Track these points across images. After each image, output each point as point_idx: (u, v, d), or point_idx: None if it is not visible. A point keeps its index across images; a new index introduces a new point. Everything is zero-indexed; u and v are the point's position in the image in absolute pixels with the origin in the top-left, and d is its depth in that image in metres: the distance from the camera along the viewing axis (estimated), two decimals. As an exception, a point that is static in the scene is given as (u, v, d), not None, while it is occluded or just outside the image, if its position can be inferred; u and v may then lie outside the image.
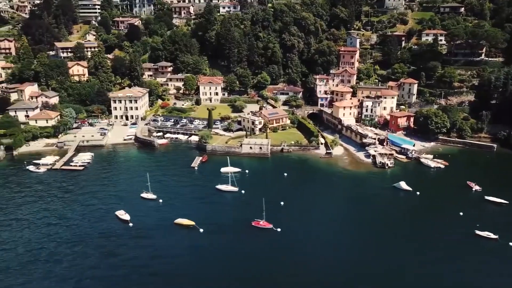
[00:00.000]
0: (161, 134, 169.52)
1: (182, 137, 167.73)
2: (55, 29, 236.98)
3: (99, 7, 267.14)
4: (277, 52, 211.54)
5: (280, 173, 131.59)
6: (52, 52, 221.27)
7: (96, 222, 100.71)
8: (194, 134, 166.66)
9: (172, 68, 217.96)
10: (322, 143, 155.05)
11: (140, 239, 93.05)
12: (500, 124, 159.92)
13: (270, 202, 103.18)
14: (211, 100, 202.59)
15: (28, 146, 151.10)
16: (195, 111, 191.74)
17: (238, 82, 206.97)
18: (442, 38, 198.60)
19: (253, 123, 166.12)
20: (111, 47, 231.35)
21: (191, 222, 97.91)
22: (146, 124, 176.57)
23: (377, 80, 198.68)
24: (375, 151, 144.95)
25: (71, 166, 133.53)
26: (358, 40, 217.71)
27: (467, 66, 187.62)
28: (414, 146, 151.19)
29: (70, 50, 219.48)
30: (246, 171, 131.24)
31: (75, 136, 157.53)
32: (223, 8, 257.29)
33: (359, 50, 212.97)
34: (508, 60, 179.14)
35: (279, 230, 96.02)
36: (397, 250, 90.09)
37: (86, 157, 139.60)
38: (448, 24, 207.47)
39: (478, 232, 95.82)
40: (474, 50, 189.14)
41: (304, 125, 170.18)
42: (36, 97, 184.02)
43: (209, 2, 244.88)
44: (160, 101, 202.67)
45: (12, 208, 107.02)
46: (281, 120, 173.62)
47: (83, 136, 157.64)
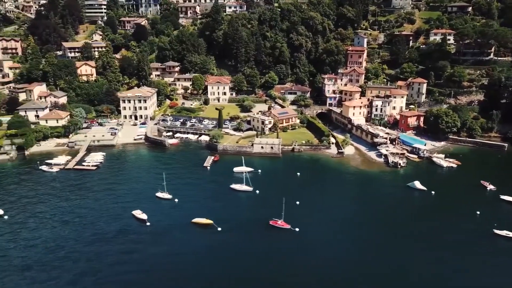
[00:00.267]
0: (170, 134, 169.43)
1: (192, 136, 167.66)
2: (61, 29, 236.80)
3: (105, 7, 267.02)
4: (285, 51, 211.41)
5: (293, 172, 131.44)
6: (60, 52, 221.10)
7: (113, 221, 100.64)
8: (204, 134, 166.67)
9: (179, 68, 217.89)
10: (333, 143, 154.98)
11: (159, 238, 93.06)
12: (510, 123, 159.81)
13: (286, 201, 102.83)
14: (219, 100, 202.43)
15: (39, 146, 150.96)
16: (204, 111, 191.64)
17: (245, 82, 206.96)
18: (450, 37, 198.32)
19: (263, 122, 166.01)
20: (118, 47, 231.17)
21: (209, 221, 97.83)
22: (155, 124, 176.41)
23: (385, 80, 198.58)
24: (387, 151, 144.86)
25: (84, 166, 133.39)
26: (365, 40, 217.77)
27: (476, 65, 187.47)
28: (425, 145, 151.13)
29: (77, 50, 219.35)
30: (259, 170, 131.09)
31: (85, 136, 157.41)
32: (229, 8, 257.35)
33: (366, 49, 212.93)
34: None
35: (297, 230, 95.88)
36: (416, 250, 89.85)
37: (98, 157, 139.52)
38: (456, 24, 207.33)
39: (497, 231, 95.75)
40: (483, 49, 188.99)
41: (314, 124, 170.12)
42: (45, 97, 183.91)
43: (216, 1, 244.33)
44: (168, 101, 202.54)
45: (29, 208, 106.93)
46: (290, 119, 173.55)
47: (93, 136, 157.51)
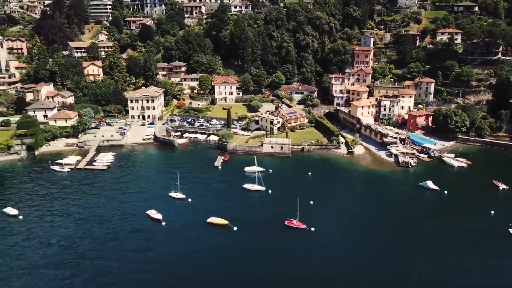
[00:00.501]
0: (179, 133, 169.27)
1: (200, 136, 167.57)
2: (67, 29, 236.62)
3: (110, 7, 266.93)
4: (291, 51, 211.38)
5: (304, 172, 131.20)
6: (66, 52, 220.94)
7: (128, 221, 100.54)
8: (213, 134, 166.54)
9: (185, 67, 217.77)
10: (342, 143, 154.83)
11: (175, 238, 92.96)
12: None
13: (299, 201, 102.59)
14: (225, 100, 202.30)
15: (49, 146, 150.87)
16: (211, 111, 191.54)
17: (252, 82, 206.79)
18: (457, 37, 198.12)
19: (271, 122, 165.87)
20: (123, 47, 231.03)
21: (225, 221, 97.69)
22: (163, 124, 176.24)
23: (392, 79, 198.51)
24: (397, 150, 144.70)
25: (95, 166, 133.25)
26: (372, 39, 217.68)
27: (483, 65, 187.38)
28: (435, 145, 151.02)
29: (84, 50, 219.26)
30: (270, 170, 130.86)
31: (94, 136, 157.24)
32: (235, 7, 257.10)
33: (373, 49, 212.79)
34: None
35: (312, 229, 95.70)
36: (432, 250, 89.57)
37: (108, 157, 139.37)
38: (463, 23, 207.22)
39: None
40: (491, 49, 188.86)
41: (323, 124, 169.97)
42: (52, 97, 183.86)
43: (222, 1, 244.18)
44: (175, 100, 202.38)
45: (43, 207, 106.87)
46: (299, 119, 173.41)
47: (102, 136, 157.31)
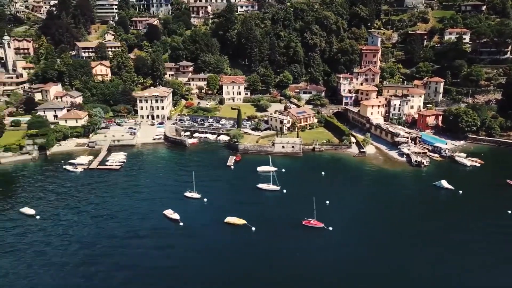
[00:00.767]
0: (188, 133, 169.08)
1: (210, 136, 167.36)
2: (73, 29, 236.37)
3: (116, 7, 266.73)
4: (299, 51, 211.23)
5: (317, 172, 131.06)
6: (73, 52, 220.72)
7: (145, 221, 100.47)
8: (223, 134, 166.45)
9: (193, 67, 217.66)
10: (353, 142, 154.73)
11: (194, 238, 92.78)
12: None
13: (315, 200, 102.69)
14: (233, 100, 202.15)
15: (60, 146, 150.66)
16: (220, 111, 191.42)
17: (260, 82, 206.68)
18: (466, 36, 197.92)
19: (281, 122, 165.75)
20: (130, 47, 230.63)
21: (243, 221, 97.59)
22: (172, 123, 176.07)
23: (401, 79, 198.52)
24: (409, 150, 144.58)
25: (108, 165, 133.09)
26: (379, 39, 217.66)
27: (493, 64, 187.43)
28: (446, 144, 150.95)
29: (91, 50, 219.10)
30: (283, 170, 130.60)
31: (105, 136, 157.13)
32: (241, 7, 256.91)
33: (380, 49, 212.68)
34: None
35: (330, 229, 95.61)
36: (452, 250, 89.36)
37: (120, 156, 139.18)
38: (471, 23, 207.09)
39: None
40: (500, 48, 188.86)
41: (333, 124, 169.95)
42: (61, 97, 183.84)
43: (229, 1, 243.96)
44: (183, 100, 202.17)
45: (59, 207, 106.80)
46: (308, 119, 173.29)
47: (113, 136, 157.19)
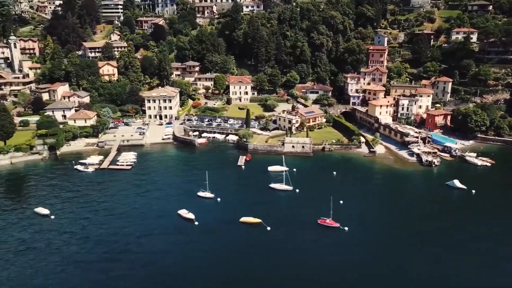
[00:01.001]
0: (197, 133, 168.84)
1: (219, 136, 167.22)
2: (79, 29, 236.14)
3: (121, 7, 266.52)
4: (306, 50, 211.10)
5: (328, 171, 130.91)
6: (79, 52, 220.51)
7: (160, 220, 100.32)
8: (231, 134, 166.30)
9: (199, 67, 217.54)
10: (363, 142, 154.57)
11: (210, 237, 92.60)
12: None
13: (329, 200, 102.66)
14: (240, 100, 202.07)
15: (69, 146, 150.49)
16: (227, 111, 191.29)
17: (267, 81, 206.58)
18: (473, 36, 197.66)
19: (290, 122, 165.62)
20: (136, 47, 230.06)
21: (258, 220, 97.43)
22: (180, 123, 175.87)
23: (408, 79, 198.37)
24: (419, 150, 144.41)
25: (118, 165, 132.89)
26: (386, 39, 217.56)
27: (500, 64, 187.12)
28: (456, 144, 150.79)
29: (98, 50, 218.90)
30: (294, 169, 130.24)
31: (114, 136, 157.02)
32: (246, 7, 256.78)
33: (387, 48, 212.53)
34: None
35: (346, 229, 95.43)
36: (470, 250, 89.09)
37: (130, 156, 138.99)
38: (478, 22, 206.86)
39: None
40: (508, 48, 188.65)
41: (341, 123, 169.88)
42: (69, 97, 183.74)
43: (235, 1, 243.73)
44: (190, 100, 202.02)
45: (73, 207, 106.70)
46: (317, 118, 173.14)
47: (122, 135, 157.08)
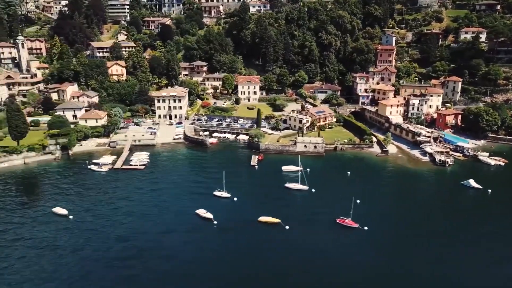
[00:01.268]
0: (207, 133, 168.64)
1: (230, 136, 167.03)
2: (87, 29, 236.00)
3: (127, 7, 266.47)
4: (314, 50, 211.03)
5: (341, 171, 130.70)
6: (87, 52, 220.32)
7: (178, 220, 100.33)
8: (242, 133, 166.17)
9: (207, 67, 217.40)
10: (375, 141, 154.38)
11: (230, 237, 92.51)
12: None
13: (345, 200, 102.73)
14: (249, 99, 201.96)
15: (81, 145, 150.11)
16: (236, 111, 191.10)
17: (275, 81, 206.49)
18: (482, 35, 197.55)
19: (300, 121, 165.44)
20: (143, 47, 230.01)
21: (277, 220, 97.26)
22: (190, 123, 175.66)
23: (417, 78, 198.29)
24: (432, 149, 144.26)
25: (132, 165, 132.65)
26: (394, 38, 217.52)
27: (510, 63, 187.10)
28: (468, 144, 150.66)
29: (106, 50, 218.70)
30: (307, 169, 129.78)
31: (125, 136, 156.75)
32: (253, 7, 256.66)
33: (395, 48, 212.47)
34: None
35: (366, 228, 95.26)
36: (490, 251, 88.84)
37: (143, 156, 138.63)
38: (486, 22, 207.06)
39: None
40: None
41: (352, 123, 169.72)
42: (78, 97, 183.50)
43: (244, 0, 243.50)
44: (199, 100, 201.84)
45: (91, 206, 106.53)
46: (327, 118, 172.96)
47: (133, 135, 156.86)
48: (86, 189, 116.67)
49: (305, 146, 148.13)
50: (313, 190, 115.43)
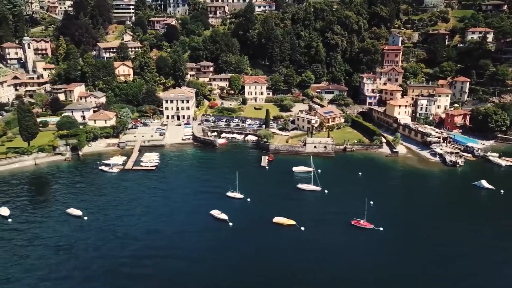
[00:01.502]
0: (215, 133, 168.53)
1: (238, 136, 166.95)
2: (92, 29, 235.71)
3: (132, 7, 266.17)
4: (320, 50, 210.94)
5: (352, 172, 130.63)
6: (94, 52, 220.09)
7: (193, 221, 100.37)
8: (250, 134, 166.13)
9: (213, 67, 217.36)
10: (384, 142, 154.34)
11: (246, 238, 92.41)
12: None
13: (358, 201, 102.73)
14: (256, 100, 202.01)
15: (90, 146, 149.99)
16: (243, 111, 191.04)
17: (282, 81, 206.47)
18: (489, 36, 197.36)
19: (309, 122, 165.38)
20: (149, 47, 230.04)
21: (292, 221, 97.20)
22: (198, 124, 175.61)
23: (424, 79, 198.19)
24: (441, 150, 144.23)
25: (143, 166, 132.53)
26: (400, 39, 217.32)
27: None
28: (478, 144, 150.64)
29: (112, 50, 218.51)
30: (319, 170, 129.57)
31: (134, 136, 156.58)
32: (259, 7, 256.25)
33: (402, 48, 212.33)
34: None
35: (381, 229, 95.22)
36: (504, 251, 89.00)
37: (153, 157, 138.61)
38: (493, 22, 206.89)
39: None
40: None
41: (361, 124, 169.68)
42: (85, 97, 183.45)
43: (250, 1, 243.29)
44: (206, 101, 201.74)
45: (105, 207, 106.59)
46: (336, 119, 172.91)
47: (142, 136, 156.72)
48: (98, 190, 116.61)
49: (315, 147, 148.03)
50: (325, 191, 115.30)
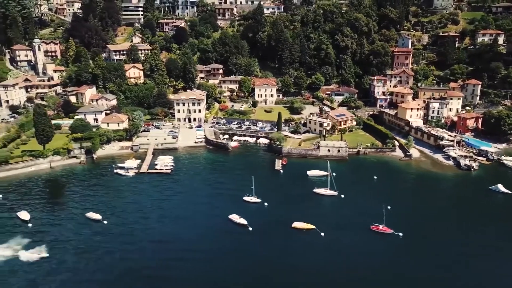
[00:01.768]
0: (227, 136, 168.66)
1: (250, 139, 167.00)
2: (102, 31, 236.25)
3: (141, 9, 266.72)
4: (330, 53, 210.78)
5: (367, 176, 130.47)
6: (104, 55, 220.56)
7: (212, 225, 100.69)
8: (262, 137, 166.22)
9: (223, 70, 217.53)
10: (397, 145, 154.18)
11: (267, 243, 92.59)
12: None
13: (375, 205, 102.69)
14: (266, 102, 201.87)
15: (103, 149, 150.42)
16: (254, 113, 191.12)
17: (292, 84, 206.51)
18: (500, 38, 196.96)
19: (321, 125, 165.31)
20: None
21: (311, 226, 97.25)
22: (210, 126, 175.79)
23: (434, 81, 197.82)
24: (455, 153, 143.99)
25: (158, 169, 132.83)
26: (410, 41, 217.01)
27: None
28: (491, 147, 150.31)
29: (122, 53, 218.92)
30: (333, 174, 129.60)
31: (147, 139, 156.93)
32: (267, 9, 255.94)
33: (412, 50, 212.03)
34: None
35: (400, 235, 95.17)
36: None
37: (167, 160, 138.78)
38: (503, 24, 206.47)
39: None
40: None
41: (373, 126, 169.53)
42: (97, 100, 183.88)
43: (259, 3, 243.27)
44: (216, 103, 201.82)
45: (123, 211, 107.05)
46: (347, 121, 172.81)
47: (155, 139, 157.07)
48: (115, 193, 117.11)
49: (328, 150, 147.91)
50: (342, 196, 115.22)
